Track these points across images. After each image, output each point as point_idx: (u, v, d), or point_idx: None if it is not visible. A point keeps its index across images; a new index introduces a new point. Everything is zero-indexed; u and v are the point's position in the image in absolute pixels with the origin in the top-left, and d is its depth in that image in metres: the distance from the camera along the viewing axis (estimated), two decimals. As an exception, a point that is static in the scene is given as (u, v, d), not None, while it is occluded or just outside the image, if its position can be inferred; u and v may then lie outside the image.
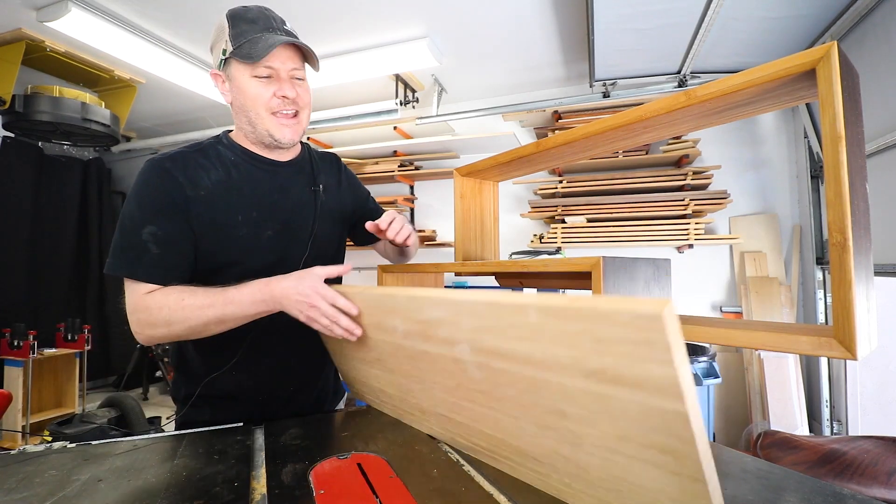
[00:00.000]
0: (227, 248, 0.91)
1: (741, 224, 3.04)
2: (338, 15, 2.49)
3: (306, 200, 1.03)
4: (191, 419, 0.96)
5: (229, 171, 0.93)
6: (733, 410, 2.86)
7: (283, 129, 0.93)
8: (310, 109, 0.99)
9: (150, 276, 0.84)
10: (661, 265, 0.69)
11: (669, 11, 2.06)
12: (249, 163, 0.97)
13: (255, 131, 0.94)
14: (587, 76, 2.89)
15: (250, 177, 0.96)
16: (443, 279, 1.23)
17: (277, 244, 0.97)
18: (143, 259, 0.84)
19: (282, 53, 0.89)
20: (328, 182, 1.09)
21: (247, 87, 0.90)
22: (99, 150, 4.67)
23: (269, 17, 0.90)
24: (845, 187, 0.43)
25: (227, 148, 0.96)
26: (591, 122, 0.72)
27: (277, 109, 0.92)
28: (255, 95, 0.90)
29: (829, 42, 0.45)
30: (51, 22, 2.36)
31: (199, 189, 0.88)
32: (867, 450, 1.46)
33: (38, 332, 3.18)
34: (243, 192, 0.93)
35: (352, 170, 1.19)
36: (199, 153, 0.93)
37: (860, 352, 0.43)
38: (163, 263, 0.85)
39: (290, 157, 1.04)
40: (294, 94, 0.92)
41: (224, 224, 0.90)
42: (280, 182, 0.99)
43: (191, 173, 0.89)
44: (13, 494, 0.62)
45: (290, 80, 0.92)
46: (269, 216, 0.96)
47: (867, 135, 1.87)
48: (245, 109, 0.92)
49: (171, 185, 0.86)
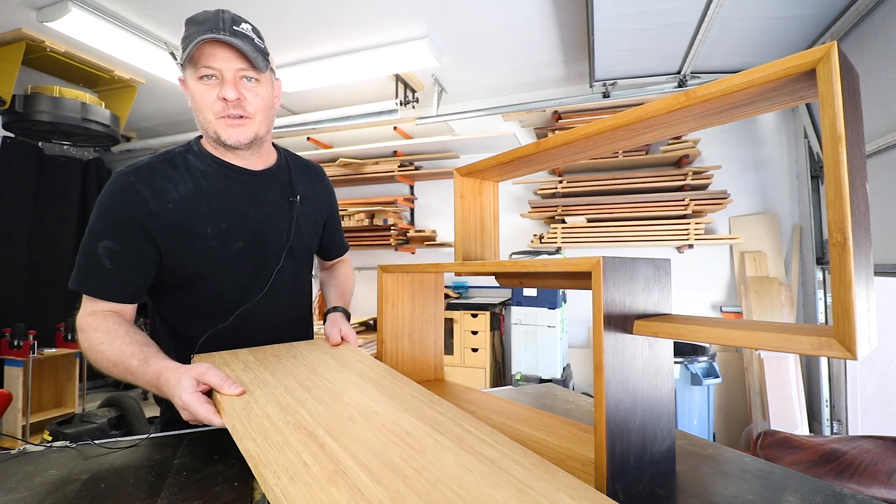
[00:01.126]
0: (196, 261, 0.90)
1: (741, 224, 3.04)
2: (338, 15, 2.49)
3: (281, 210, 1.00)
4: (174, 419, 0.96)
5: (198, 182, 0.91)
6: (733, 410, 2.86)
7: (230, 129, 0.89)
8: (265, 113, 0.93)
9: (99, 292, 0.84)
10: (661, 265, 0.69)
11: (670, 11, 2.06)
12: (220, 171, 0.94)
13: (207, 133, 0.91)
14: (587, 76, 2.89)
15: (220, 187, 0.93)
16: (443, 279, 1.23)
17: (247, 256, 0.95)
18: (95, 273, 0.83)
19: (222, 54, 0.85)
20: (306, 192, 1.06)
21: (194, 90, 0.88)
22: (99, 150, 4.67)
23: (218, 18, 0.85)
24: (845, 187, 0.43)
25: (197, 157, 0.93)
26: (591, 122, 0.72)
27: (222, 113, 0.88)
28: (199, 98, 0.87)
29: (829, 42, 0.45)
30: (51, 22, 2.37)
31: (165, 202, 0.87)
32: (867, 450, 1.46)
33: (38, 332, 3.19)
34: (212, 202, 0.91)
35: (352, 170, 1.19)
36: (167, 163, 0.91)
37: (860, 352, 0.43)
38: (115, 279, 0.84)
39: (264, 166, 1.00)
40: (235, 96, 0.86)
41: (192, 236, 0.89)
42: (252, 191, 0.97)
43: (157, 186, 0.87)
44: (13, 494, 0.62)
45: (235, 82, 0.87)
46: (240, 227, 0.94)
47: (867, 135, 1.87)
48: (195, 112, 0.90)
49: (134, 200, 0.84)
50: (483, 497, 0.47)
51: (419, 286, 1.11)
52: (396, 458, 0.54)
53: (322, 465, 0.52)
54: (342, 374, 0.81)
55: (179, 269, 0.90)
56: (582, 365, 3.24)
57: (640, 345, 0.63)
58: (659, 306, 0.67)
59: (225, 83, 0.86)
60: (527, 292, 2.83)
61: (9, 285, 3.83)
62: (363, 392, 0.73)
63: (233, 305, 0.95)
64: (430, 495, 0.47)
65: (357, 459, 0.53)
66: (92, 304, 0.85)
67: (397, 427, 0.62)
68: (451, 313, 3.24)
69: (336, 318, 1.07)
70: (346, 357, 0.91)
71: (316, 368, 0.84)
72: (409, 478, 0.50)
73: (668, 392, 0.68)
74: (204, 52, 0.84)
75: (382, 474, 0.51)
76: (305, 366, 0.85)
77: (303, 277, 1.12)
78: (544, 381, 2.76)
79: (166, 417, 0.98)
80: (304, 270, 1.11)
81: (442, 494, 0.47)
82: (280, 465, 0.52)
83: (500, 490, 0.48)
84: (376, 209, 3.84)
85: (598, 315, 0.58)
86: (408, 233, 3.76)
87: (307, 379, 0.78)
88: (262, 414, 0.64)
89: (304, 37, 2.71)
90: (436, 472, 0.51)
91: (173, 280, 0.91)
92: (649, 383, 0.65)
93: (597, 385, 0.58)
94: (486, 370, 3.18)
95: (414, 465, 0.53)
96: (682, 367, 2.33)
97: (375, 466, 0.52)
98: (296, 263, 1.05)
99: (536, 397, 1.09)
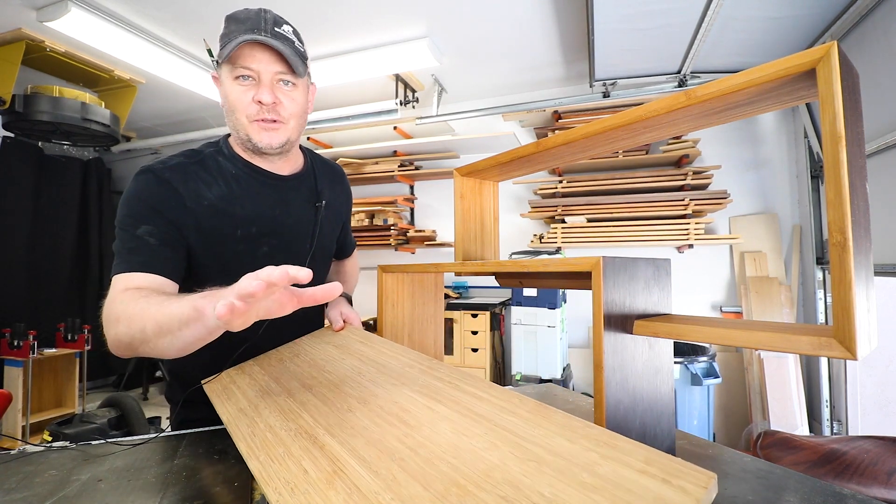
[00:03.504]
0: (222, 262, 0.90)
1: (741, 224, 3.04)
2: (338, 15, 2.49)
3: (307, 216, 1.01)
4: (188, 418, 0.96)
5: (231, 185, 0.91)
6: (733, 410, 2.86)
7: (262, 133, 0.88)
8: (299, 119, 0.92)
9: (145, 266, 0.79)
10: (661, 265, 0.69)
11: (670, 11, 2.06)
12: (251, 176, 0.94)
13: (238, 135, 0.90)
14: (587, 76, 2.89)
15: (252, 191, 0.93)
16: (443, 279, 1.23)
17: (272, 260, 0.93)
18: (142, 251, 0.80)
19: (262, 56, 0.84)
20: (329, 196, 1.07)
21: (228, 91, 0.86)
22: (99, 150, 4.67)
23: (259, 18, 0.84)
24: (845, 187, 0.43)
25: (228, 160, 0.93)
26: (591, 122, 0.72)
27: (256, 117, 0.86)
28: (234, 99, 0.86)
29: (829, 42, 0.45)
30: (51, 22, 2.36)
31: (201, 201, 0.87)
32: (867, 450, 1.46)
33: (38, 332, 3.18)
34: (245, 207, 0.91)
35: (352, 170, 1.19)
36: (199, 165, 0.90)
37: (860, 352, 0.43)
38: (162, 255, 0.82)
39: (292, 171, 1.00)
40: (272, 100, 0.85)
41: (222, 238, 0.89)
42: (282, 197, 0.97)
43: (192, 186, 0.87)
44: (13, 494, 0.62)
45: (272, 85, 0.86)
46: (269, 232, 0.94)
47: (867, 135, 1.87)
48: (227, 113, 0.89)
49: (170, 195, 0.84)
50: (479, 462, 0.48)
51: (419, 286, 1.11)
52: (393, 440, 0.55)
53: (321, 468, 0.53)
54: (343, 363, 0.83)
55: (204, 269, 0.89)
56: (582, 365, 3.24)
57: (640, 345, 0.64)
58: (659, 306, 0.67)
59: (262, 85, 0.85)
60: (527, 292, 2.83)
61: (9, 285, 3.83)
62: (362, 376, 0.75)
63: None
64: (425, 474, 0.48)
65: (355, 453, 0.54)
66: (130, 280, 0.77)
67: (395, 406, 0.63)
68: (451, 313, 3.24)
69: (337, 302, 1.07)
70: (348, 341, 0.93)
71: (318, 363, 0.85)
72: (405, 460, 0.51)
73: (668, 392, 0.68)
74: (243, 53, 0.83)
75: (379, 463, 0.51)
76: (308, 363, 0.86)
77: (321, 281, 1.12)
78: (544, 381, 2.76)
79: (181, 416, 0.98)
80: (323, 274, 1.12)
81: (437, 470, 0.48)
82: (281, 478, 0.53)
83: (496, 450, 0.49)
84: (376, 209, 3.84)
85: (598, 315, 0.58)
86: (408, 233, 3.76)
87: (309, 377, 0.79)
88: (266, 427, 0.66)
89: (305, 37, 2.67)
90: (432, 446, 0.52)
91: (195, 281, 0.90)
92: (649, 383, 0.65)
93: (597, 385, 0.58)
94: (486, 370, 3.18)
95: (410, 444, 0.54)
96: (682, 367, 2.33)
97: (372, 456, 0.53)
98: (317, 268, 1.05)
99: (536, 397, 1.09)
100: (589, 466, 0.44)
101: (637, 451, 0.44)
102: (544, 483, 0.43)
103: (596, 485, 0.41)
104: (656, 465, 0.42)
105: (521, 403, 0.57)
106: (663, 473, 0.40)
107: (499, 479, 0.45)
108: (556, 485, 0.42)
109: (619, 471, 0.42)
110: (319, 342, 0.96)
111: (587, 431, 0.49)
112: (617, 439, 0.47)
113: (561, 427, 0.50)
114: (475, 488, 0.45)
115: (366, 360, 0.82)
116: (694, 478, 0.39)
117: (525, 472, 0.45)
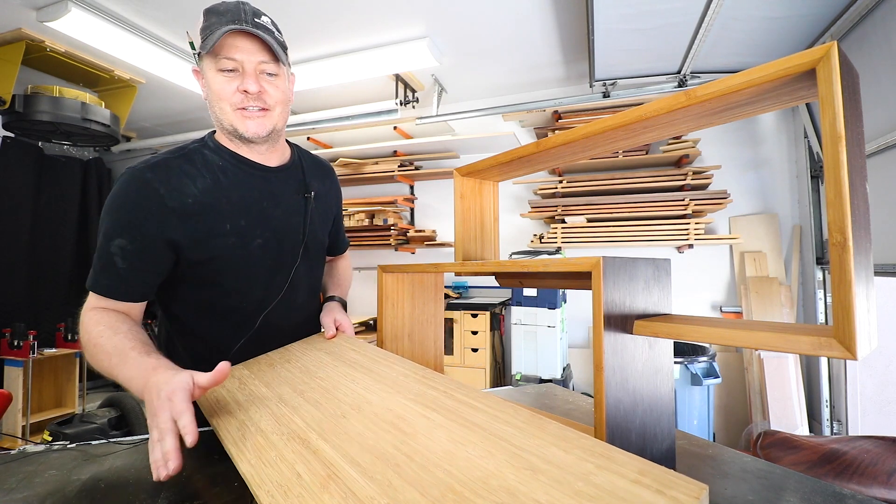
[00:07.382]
0: (214, 257, 0.89)
1: (741, 224, 3.04)
2: (338, 15, 2.49)
3: (297, 207, 1.00)
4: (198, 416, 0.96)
5: (217, 178, 0.89)
6: (733, 410, 2.86)
7: (247, 121, 0.88)
8: (284, 106, 0.93)
9: (108, 291, 0.82)
10: (661, 265, 0.69)
11: (670, 11, 2.06)
12: (238, 167, 0.92)
13: (222, 126, 0.90)
14: (587, 76, 2.89)
15: (239, 183, 0.92)
16: (443, 279, 1.23)
17: (266, 253, 0.94)
18: (108, 272, 0.82)
19: (245, 46, 0.84)
20: (319, 188, 1.06)
21: (212, 82, 0.86)
22: (99, 150, 4.67)
23: (239, 10, 0.84)
24: (845, 187, 0.43)
25: (214, 152, 0.92)
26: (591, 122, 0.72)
27: (241, 105, 0.87)
28: (218, 90, 0.86)
29: (829, 42, 0.45)
30: (51, 22, 2.36)
31: (184, 197, 0.85)
32: (867, 450, 1.46)
33: (38, 332, 3.18)
34: (232, 199, 0.90)
35: (351, 170, 1.19)
36: (184, 159, 0.88)
37: (860, 352, 0.43)
38: (126, 278, 0.82)
39: (280, 162, 1.00)
40: (257, 89, 0.86)
41: (211, 233, 0.88)
42: (270, 188, 0.96)
43: (174, 182, 0.85)
44: (13, 494, 0.62)
45: (256, 75, 0.86)
46: (259, 224, 0.93)
47: (867, 135, 1.87)
48: (211, 104, 0.89)
49: (149, 197, 0.82)
50: (474, 470, 0.48)
51: (419, 286, 1.11)
52: (389, 447, 0.55)
53: (314, 472, 0.53)
54: (335, 369, 0.82)
55: (197, 265, 0.89)
56: (582, 365, 3.24)
57: (640, 345, 0.64)
58: (659, 306, 0.67)
59: (246, 76, 0.86)
60: (527, 292, 2.83)
61: (9, 285, 3.83)
62: (355, 383, 0.74)
63: (249, 303, 0.95)
64: (421, 480, 0.48)
65: (349, 458, 0.54)
66: (98, 301, 0.84)
67: (389, 413, 0.62)
68: (451, 313, 3.24)
69: (331, 308, 1.07)
70: (340, 349, 0.92)
71: (309, 369, 0.84)
72: (400, 466, 0.51)
73: (668, 392, 0.68)
74: (226, 44, 0.84)
75: (374, 469, 0.51)
76: (299, 368, 0.85)
77: (316, 275, 1.12)
78: (544, 381, 2.76)
79: None
80: (318, 268, 1.11)
81: (434, 477, 0.48)
82: (274, 482, 0.53)
83: (492, 458, 0.49)
84: (376, 209, 3.84)
85: (598, 315, 0.58)
86: (408, 233, 3.76)
87: (301, 382, 0.79)
88: (257, 431, 0.65)
89: (305, 37, 2.70)
90: (427, 453, 0.52)
91: (189, 277, 0.90)
92: (649, 383, 0.65)
93: (597, 385, 0.58)
94: (486, 370, 3.18)
95: (406, 451, 0.53)
96: (682, 367, 2.32)
97: (367, 462, 0.53)
98: (310, 260, 1.04)
99: (536, 397, 1.09)
100: (584, 476, 0.44)
101: (631, 462, 0.44)
102: (540, 491, 0.43)
103: (591, 494, 0.41)
104: (650, 475, 0.42)
105: (516, 414, 0.57)
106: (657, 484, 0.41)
107: (495, 486, 0.45)
108: (552, 493, 0.43)
109: (613, 481, 0.42)
110: (311, 348, 0.95)
111: (582, 442, 0.49)
112: (611, 450, 0.47)
113: (556, 437, 0.50)
114: (472, 495, 0.45)
115: (359, 368, 0.81)
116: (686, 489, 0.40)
117: (521, 481, 0.45)
